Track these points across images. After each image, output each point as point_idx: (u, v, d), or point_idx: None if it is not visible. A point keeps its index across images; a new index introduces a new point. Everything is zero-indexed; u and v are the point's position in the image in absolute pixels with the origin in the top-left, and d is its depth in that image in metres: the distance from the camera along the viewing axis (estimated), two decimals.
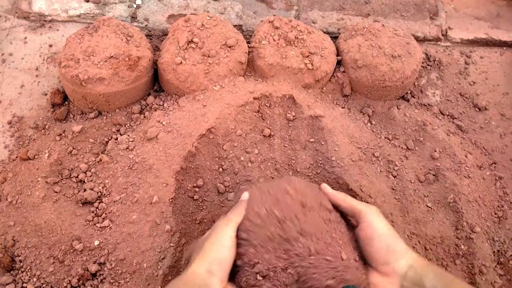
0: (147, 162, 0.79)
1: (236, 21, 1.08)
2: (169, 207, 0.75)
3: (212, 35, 0.91)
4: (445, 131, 0.95)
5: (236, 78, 0.90)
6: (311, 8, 1.14)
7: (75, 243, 0.73)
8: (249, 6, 1.12)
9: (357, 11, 1.15)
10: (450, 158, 0.89)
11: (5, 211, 0.77)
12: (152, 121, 0.85)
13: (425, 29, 1.15)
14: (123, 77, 0.85)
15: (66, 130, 0.87)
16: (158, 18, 1.07)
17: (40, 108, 0.91)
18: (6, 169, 0.82)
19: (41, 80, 0.95)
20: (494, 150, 0.98)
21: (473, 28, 1.19)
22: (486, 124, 1.02)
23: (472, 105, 1.05)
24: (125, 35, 0.89)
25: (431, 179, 0.88)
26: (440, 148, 0.91)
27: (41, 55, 0.98)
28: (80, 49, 0.85)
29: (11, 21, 1.03)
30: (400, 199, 0.85)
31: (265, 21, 0.98)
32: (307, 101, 0.89)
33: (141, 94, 0.92)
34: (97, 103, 0.87)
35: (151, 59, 0.90)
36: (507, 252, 0.86)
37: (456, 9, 1.23)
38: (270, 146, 0.86)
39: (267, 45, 0.93)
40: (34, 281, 0.71)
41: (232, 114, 0.84)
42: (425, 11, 1.19)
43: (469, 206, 0.85)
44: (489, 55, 1.15)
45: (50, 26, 1.03)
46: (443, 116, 1.01)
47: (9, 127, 0.88)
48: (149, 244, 0.72)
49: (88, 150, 0.85)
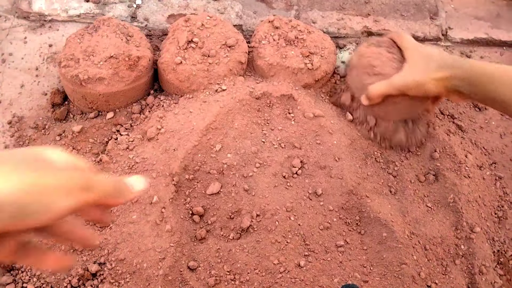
0: (147, 162, 0.79)
1: (236, 21, 1.08)
2: (169, 207, 0.75)
3: (212, 35, 0.91)
4: (445, 131, 0.95)
5: (236, 78, 0.90)
6: (311, 8, 1.14)
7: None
8: (249, 6, 1.12)
9: (357, 11, 1.15)
10: (450, 158, 0.89)
11: None
12: (152, 121, 0.85)
13: (425, 29, 1.15)
14: (123, 77, 0.85)
15: (66, 130, 0.87)
16: (158, 18, 1.07)
17: (40, 108, 0.91)
18: None
19: (41, 80, 0.95)
20: (494, 150, 0.98)
21: (473, 28, 1.19)
22: (486, 124, 1.02)
23: (472, 105, 1.05)
24: (125, 35, 0.89)
25: (431, 179, 0.88)
26: (440, 148, 0.91)
27: (41, 55, 0.98)
28: (80, 49, 0.85)
29: (11, 21, 1.03)
30: (400, 199, 0.85)
31: (265, 21, 0.98)
32: (307, 101, 0.89)
33: (141, 94, 0.92)
34: (97, 103, 0.87)
35: (151, 59, 0.90)
36: (507, 252, 0.86)
37: (456, 9, 1.23)
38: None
39: (267, 45, 0.93)
40: (34, 281, 0.71)
41: (232, 114, 0.84)
42: (425, 11, 1.19)
43: (469, 206, 0.85)
44: (489, 55, 1.15)
45: (50, 26, 1.03)
46: (443, 116, 1.01)
47: (9, 127, 0.88)
48: (149, 244, 0.72)
49: (88, 150, 0.85)
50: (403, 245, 0.78)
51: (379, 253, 0.79)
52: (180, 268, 0.72)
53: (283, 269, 0.74)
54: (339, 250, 0.78)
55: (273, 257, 0.75)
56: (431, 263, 0.80)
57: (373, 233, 0.80)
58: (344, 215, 0.81)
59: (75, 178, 0.30)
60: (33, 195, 0.27)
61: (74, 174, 0.30)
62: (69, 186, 0.29)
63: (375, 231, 0.80)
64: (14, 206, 0.26)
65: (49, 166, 0.30)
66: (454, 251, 0.82)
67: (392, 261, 0.77)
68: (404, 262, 0.76)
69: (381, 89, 0.77)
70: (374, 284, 0.76)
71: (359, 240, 0.80)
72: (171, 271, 0.71)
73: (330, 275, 0.76)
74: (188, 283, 0.72)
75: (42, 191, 0.27)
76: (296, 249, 0.77)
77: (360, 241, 0.80)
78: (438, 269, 0.80)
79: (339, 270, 0.77)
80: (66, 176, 0.29)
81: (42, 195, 0.27)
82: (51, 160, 0.30)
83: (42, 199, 0.27)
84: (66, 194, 0.28)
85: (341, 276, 0.76)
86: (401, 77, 0.75)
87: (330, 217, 0.80)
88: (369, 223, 0.81)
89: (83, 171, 0.33)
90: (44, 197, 0.27)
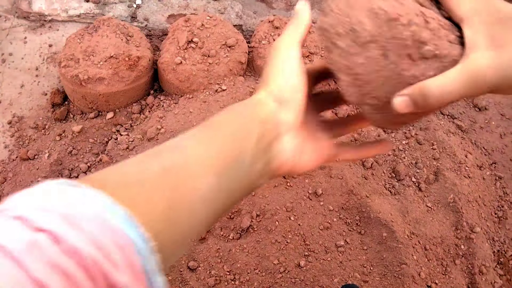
0: None
1: (236, 21, 1.08)
2: None
3: (212, 35, 0.91)
4: (445, 131, 0.95)
5: (236, 78, 0.90)
6: (311, 8, 1.14)
7: None
8: (249, 6, 1.12)
9: None
10: (450, 158, 0.89)
11: None
12: (152, 121, 0.85)
13: None
14: (123, 77, 0.85)
15: (66, 130, 0.87)
16: (158, 18, 1.07)
17: (40, 108, 0.91)
18: (6, 169, 0.82)
19: (41, 80, 0.95)
20: (494, 150, 0.98)
21: None
22: (486, 124, 1.02)
23: (472, 105, 1.05)
24: (125, 35, 0.89)
25: (431, 179, 0.88)
26: (440, 148, 0.90)
27: (41, 55, 0.98)
28: (80, 49, 0.85)
29: (11, 21, 1.03)
30: (400, 199, 0.85)
31: (265, 21, 0.98)
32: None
33: (141, 94, 0.92)
34: (97, 103, 0.87)
35: (151, 59, 0.90)
36: (507, 252, 0.86)
37: None
38: None
39: (267, 45, 0.93)
40: None
41: None
42: None
43: (469, 206, 0.85)
44: None
45: (50, 26, 1.03)
46: (443, 116, 1.01)
47: (9, 127, 0.88)
48: None
49: (88, 150, 0.85)
50: (403, 245, 0.78)
51: (379, 253, 0.79)
52: (180, 268, 0.72)
53: (283, 269, 0.74)
54: (339, 250, 0.78)
55: (273, 257, 0.75)
56: (431, 263, 0.80)
57: (373, 233, 0.80)
58: (344, 215, 0.81)
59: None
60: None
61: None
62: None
63: (375, 231, 0.80)
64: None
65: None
66: (454, 251, 0.82)
67: (392, 261, 0.77)
68: (404, 262, 0.76)
69: (456, 88, 0.35)
70: (374, 284, 0.76)
71: (359, 240, 0.80)
72: (171, 271, 0.71)
73: (330, 275, 0.76)
74: (188, 283, 0.72)
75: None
76: (296, 249, 0.77)
77: (360, 241, 0.80)
78: (438, 269, 0.80)
79: (339, 270, 0.77)
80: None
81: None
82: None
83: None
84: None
85: (341, 276, 0.76)
86: (496, 65, 0.34)
87: (330, 217, 0.80)
88: (369, 223, 0.80)
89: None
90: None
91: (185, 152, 0.30)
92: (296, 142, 0.36)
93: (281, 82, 0.36)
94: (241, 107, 0.35)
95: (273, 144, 0.35)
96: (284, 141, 0.35)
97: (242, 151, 0.32)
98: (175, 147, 0.31)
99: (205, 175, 0.30)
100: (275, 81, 0.36)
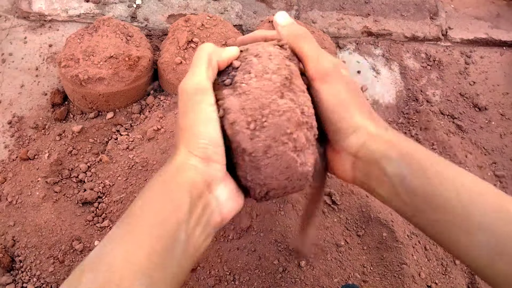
0: (147, 162, 0.79)
1: (236, 21, 1.08)
2: None
3: (212, 35, 0.91)
4: (445, 131, 0.95)
5: None
6: (311, 8, 1.14)
7: (75, 243, 0.73)
8: (249, 6, 1.12)
9: (357, 11, 1.15)
10: (450, 158, 0.89)
11: (5, 211, 0.77)
12: (152, 121, 0.85)
13: (425, 29, 1.15)
14: (123, 77, 0.85)
15: (66, 130, 0.87)
16: (158, 18, 1.07)
17: (40, 108, 0.91)
18: (6, 169, 0.82)
19: (41, 80, 0.95)
20: (494, 150, 0.98)
21: (473, 28, 1.19)
22: (486, 124, 1.02)
23: (472, 105, 1.05)
24: (125, 35, 0.89)
25: None
26: (440, 148, 0.90)
27: (41, 55, 0.98)
28: (80, 49, 0.85)
29: (11, 21, 1.03)
30: None
31: (265, 21, 0.98)
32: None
33: (141, 94, 0.92)
34: (97, 103, 0.87)
35: (151, 59, 0.90)
36: None
37: (456, 9, 1.23)
38: None
39: None
40: (34, 281, 0.71)
41: None
42: (425, 11, 1.19)
43: None
44: (489, 55, 1.15)
45: (50, 26, 1.03)
46: (443, 116, 1.01)
47: (9, 127, 0.88)
48: None
49: (88, 150, 0.85)
50: (403, 245, 0.78)
51: (379, 253, 0.79)
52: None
53: (283, 269, 0.74)
54: (339, 250, 0.78)
55: (273, 257, 0.75)
56: (431, 263, 0.80)
57: (373, 233, 0.80)
58: (344, 215, 0.81)
59: None
60: None
61: None
62: None
63: (375, 231, 0.80)
64: None
65: None
66: None
67: (392, 261, 0.77)
68: (404, 262, 0.76)
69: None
70: (374, 284, 0.76)
71: (359, 240, 0.80)
72: None
73: (330, 275, 0.76)
74: (188, 283, 0.72)
75: None
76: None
77: (360, 241, 0.80)
78: (438, 269, 0.80)
79: (339, 270, 0.77)
80: None
81: None
82: None
83: None
84: None
85: (341, 276, 0.76)
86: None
87: (330, 217, 0.80)
88: (369, 223, 0.80)
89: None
90: None
91: (110, 268, 0.29)
92: (228, 190, 0.36)
93: (202, 139, 0.34)
94: (165, 176, 0.34)
95: (209, 203, 0.34)
96: (219, 194, 0.35)
97: (177, 230, 0.31)
98: (98, 263, 0.30)
99: (138, 284, 0.29)
100: (196, 138, 0.34)
